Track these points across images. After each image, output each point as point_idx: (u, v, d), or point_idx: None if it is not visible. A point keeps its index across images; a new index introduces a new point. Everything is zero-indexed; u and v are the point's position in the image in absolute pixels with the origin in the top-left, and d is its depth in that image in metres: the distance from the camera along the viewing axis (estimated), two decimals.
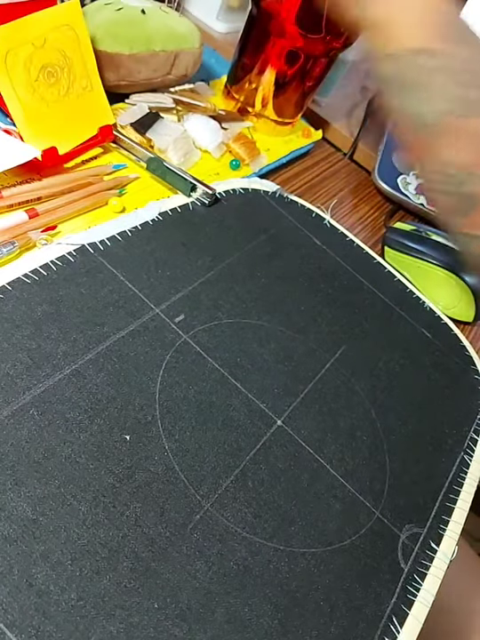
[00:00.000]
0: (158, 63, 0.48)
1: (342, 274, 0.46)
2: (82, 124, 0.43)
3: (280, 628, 0.26)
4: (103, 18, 0.45)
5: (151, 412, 0.30)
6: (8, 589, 0.23)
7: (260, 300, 0.40)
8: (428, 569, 0.31)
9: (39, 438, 0.27)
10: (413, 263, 0.51)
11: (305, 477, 0.32)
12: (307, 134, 0.60)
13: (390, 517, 0.33)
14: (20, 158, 0.37)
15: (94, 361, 0.31)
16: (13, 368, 0.29)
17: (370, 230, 0.58)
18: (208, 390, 0.33)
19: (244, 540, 0.28)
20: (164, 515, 0.27)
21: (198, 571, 0.26)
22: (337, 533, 0.31)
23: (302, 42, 0.50)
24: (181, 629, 0.24)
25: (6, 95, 0.37)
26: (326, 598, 0.28)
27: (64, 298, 0.33)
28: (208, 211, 0.43)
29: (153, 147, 0.47)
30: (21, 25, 0.37)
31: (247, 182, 0.48)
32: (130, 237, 0.38)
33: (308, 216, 0.49)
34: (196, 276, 0.38)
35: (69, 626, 0.23)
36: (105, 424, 0.29)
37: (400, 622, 0.29)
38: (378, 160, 0.62)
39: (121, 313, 0.34)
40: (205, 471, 0.30)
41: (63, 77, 0.41)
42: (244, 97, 0.56)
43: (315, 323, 0.41)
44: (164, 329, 0.34)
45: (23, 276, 0.32)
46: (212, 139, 0.50)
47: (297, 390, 0.36)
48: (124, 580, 0.25)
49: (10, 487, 0.25)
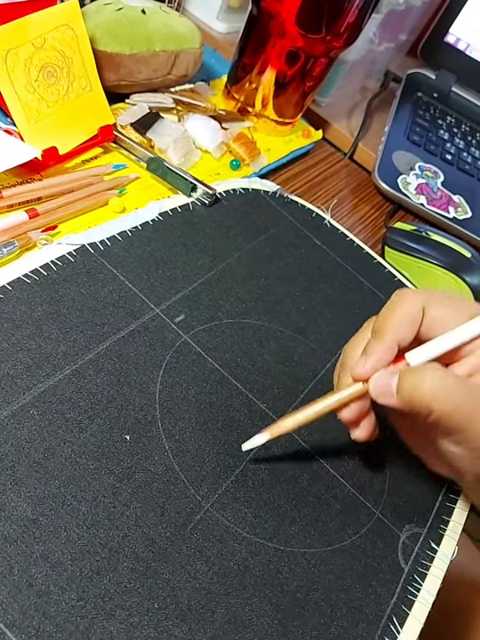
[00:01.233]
0: (158, 63, 0.48)
1: (342, 274, 0.46)
2: (82, 124, 0.43)
3: (280, 628, 0.26)
4: (103, 18, 0.45)
5: (151, 412, 0.30)
6: (8, 589, 0.23)
7: (260, 300, 0.40)
8: (428, 569, 0.31)
9: (39, 438, 0.27)
10: (414, 263, 0.51)
11: (305, 477, 0.32)
12: (307, 134, 0.60)
13: (390, 517, 0.33)
14: (20, 158, 0.37)
15: (94, 361, 0.31)
16: (13, 368, 0.29)
17: (370, 230, 0.58)
18: (208, 390, 0.33)
19: (244, 540, 0.28)
20: (165, 515, 0.27)
21: (198, 571, 0.26)
22: (337, 533, 0.31)
23: (302, 42, 0.50)
24: (181, 629, 0.24)
25: (6, 95, 0.37)
26: (326, 598, 0.28)
27: (64, 298, 0.33)
28: (208, 211, 0.43)
29: (153, 147, 0.47)
30: (21, 25, 0.37)
31: (247, 182, 0.48)
32: (130, 237, 0.38)
33: (308, 216, 0.49)
34: (196, 276, 0.38)
35: (69, 626, 0.23)
36: (105, 424, 0.29)
37: (400, 622, 0.29)
38: (378, 160, 0.62)
39: (121, 313, 0.34)
40: (205, 471, 0.30)
41: (63, 77, 0.41)
42: (244, 97, 0.56)
43: (315, 323, 0.41)
44: (164, 329, 0.34)
45: (23, 276, 0.32)
46: (212, 139, 0.50)
47: (297, 390, 0.36)
48: (125, 580, 0.25)
49: (10, 487, 0.25)
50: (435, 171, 0.65)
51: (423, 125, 0.71)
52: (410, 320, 0.29)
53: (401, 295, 0.30)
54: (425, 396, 0.27)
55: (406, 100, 0.74)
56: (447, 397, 0.27)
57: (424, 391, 0.27)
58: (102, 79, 0.44)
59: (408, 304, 0.30)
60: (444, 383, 0.27)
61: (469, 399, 0.27)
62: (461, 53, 0.80)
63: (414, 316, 0.29)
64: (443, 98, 0.80)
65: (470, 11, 0.78)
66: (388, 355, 0.29)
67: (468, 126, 0.78)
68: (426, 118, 0.73)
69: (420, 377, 0.27)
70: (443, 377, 0.27)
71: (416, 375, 0.27)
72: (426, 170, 0.65)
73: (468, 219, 0.61)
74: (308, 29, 0.49)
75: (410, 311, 0.29)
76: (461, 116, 0.79)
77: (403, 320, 0.29)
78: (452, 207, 0.62)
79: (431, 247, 0.52)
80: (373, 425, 0.31)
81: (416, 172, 0.63)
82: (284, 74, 0.53)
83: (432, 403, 0.27)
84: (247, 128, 0.55)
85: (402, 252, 0.52)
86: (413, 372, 0.28)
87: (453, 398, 0.27)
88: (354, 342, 0.32)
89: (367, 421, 0.31)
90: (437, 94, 0.79)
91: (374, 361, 0.29)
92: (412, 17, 0.76)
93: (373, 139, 0.67)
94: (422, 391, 0.27)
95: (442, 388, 0.27)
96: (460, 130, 0.76)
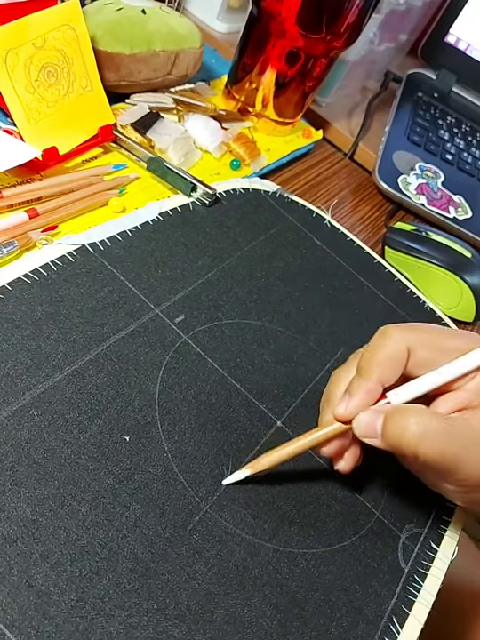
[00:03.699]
0: (159, 63, 0.48)
1: (342, 274, 0.46)
2: (82, 124, 0.43)
3: (280, 628, 0.26)
4: (103, 18, 0.45)
5: (151, 413, 0.30)
6: (8, 590, 0.23)
7: (259, 300, 0.40)
8: (428, 569, 0.31)
9: (39, 439, 0.27)
10: (414, 263, 0.51)
11: (305, 478, 0.32)
12: (307, 134, 0.60)
13: (390, 518, 0.33)
14: (20, 158, 0.37)
15: (94, 361, 0.31)
16: (13, 368, 0.29)
17: (370, 230, 0.57)
18: (208, 391, 0.33)
19: (243, 540, 0.28)
20: (164, 516, 0.27)
21: (198, 571, 0.26)
22: (337, 534, 0.31)
23: (303, 42, 0.50)
24: (181, 630, 0.24)
25: (7, 95, 0.37)
26: (326, 599, 0.28)
27: (64, 298, 0.33)
28: (208, 211, 0.43)
29: (153, 147, 0.47)
30: (21, 25, 0.37)
31: (247, 182, 0.48)
32: (130, 237, 0.38)
33: (308, 216, 0.49)
34: (196, 277, 0.38)
35: (69, 626, 0.23)
36: (105, 425, 0.29)
37: (400, 623, 0.29)
38: (378, 160, 0.62)
39: (121, 313, 0.34)
40: (204, 472, 0.30)
41: (63, 77, 0.41)
42: (244, 97, 0.56)
43: (315, 323, 0.41)
44: (164, 329, 0.34)
45: (23, 276, 0.32)
46: (212, 139, 0.50)
47: (297, 391, 0.36)
48: (124, 580, 0.25)
49: (9, 488, 0.25)
50: (435, 171, 0.65)
51: (423, 125, 0.71)
52: (394, 362, 0.29)
53: (386, 334, 0.30)
54: (410, 442, 0.27)
55: (406, 100, 0.74)
56: (431, 444, 0.27)
57: (409, 437, 0.27)
58: (102, 79, 0.44)
59: (393, 344, 0.29)
60: (430, 429, 0.27)
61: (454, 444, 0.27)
62: (462, 53, 0.80)
63: (399, 357, 0.29)
64: (443, 98, 0.79)
65: (470, 11, 0.78)
66: (370, 396, 0.29)
67: (468, 126, 0.78)
68: (426, 118, 0.73)
69: (405, 421, 0.27)
70: (428, 422, 0.27)
71: (401, 419, 0.27)
72: (426, 170, 0.65)
73: (469, 219, 0.61)
74: (308, 29, 0.49)
75: (394, 352, 0.29)
76: (462, 116, 0.79)
77: (387, 361, 0.29)
78: (452, 207, 0.62)
79: (431, 247, 0.51)
80: (357, 456, 0.31)
81: (416, 172, 0.63)
82: (285, 74, 0.53)
83: (417, 449, 0.27)
84: (247, 128, 0.55)
85: (402, 252, 0.52)
86: (398, 415, 0.28)
87: (436, 444, 0.27)
88: (339, 375, 0.32)
89: (350, 453, 0.31)
90: (438, 94, 0.79)
91: (356, 403, 0.29)
92: (413, 17, 0.76)
93: (374, 139, 0.67)
94: (407, 437, 0.27)
95: (427, 434, 0.27)
96: (460, 130, 0.76)
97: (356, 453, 0.31)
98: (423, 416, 0.27)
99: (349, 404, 0.29)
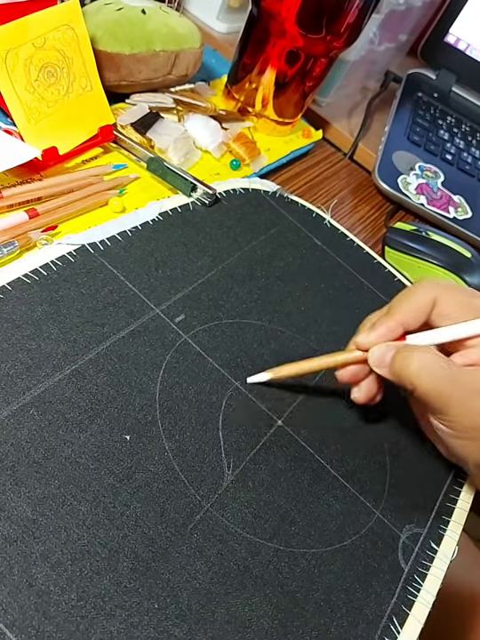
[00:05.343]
0: (159, 63, 0.48)
1: (342, 274, 0.46)
2: (82, 124, 0.43)
3: (280, 628, 0.26)
4: (103, 18, 0.45)
5: (151, 413, 0.30)
6: (8, 589, 0.23)
7: (260, 300, 0.40)
8: (428, 569, 0.31)
9: (39, 438, 0.27)
10: (414, 263, 0.51)
11: (305, 478, 0.32)
12: (307, 134, 0.60)
13: (391, 517, 0.33)
14: (20, 158, 0.37)
15: (94, 361, 0.31)
16: (13, 368, 0.29)
17: (370, 230, 0.57)
18: (208, 390, 0.33)
19: (244, 540, 0.28)
20: (165, 515, 0.27)
21: (198, 571, 0.26)
22: (337, 534, 0.31)
23: (302, 42, 0.50)
24: (181, 630, 0.24)
25: (6, 95, 0.37)
26: (326, 598, 0.28)
27: (64, 298, 0.33)
28: (208, 211, 0.43)
29: (153, 147, 0.47)
30: (21, 25, 0.37)
31: (247, 182, 0.48)
32: (130, 237, 0.38)
33: (308, 216, 0.49)
34: (196, 276, 0.38)
35: (69, 626, 0.23)
36: (105, 424, 0.29)
37: (400, 623, 0.29)
38: (378, 160, 0.62)
39: (121, 313, 0.34)
40: (205, 471, 0.30)
41: (63, 77, 0.41)
42: (244, 97, 0.56)
43: (315, 323, 0.41)
44: (165, 329, 0.34)
45: (23, 276, 0.32)
46: (212, 139, 0.50)
47: (297, 391, 0.36)
48: (125, 580, 0.25)
49: (10, 487, 0.25)
50: (435, 171, 0.65)
51: (423, 125, 0.71)
52: (418, 310, 0.32)
53: (419, 284, 0.34)
54: (411, 372, 0.30)
55: (406, 100, 0.74)
56: (429, 378, 0.30)
57: (411, 368, 0.30)
58: (102, 79, 0.44)
59: (422, 295, 0.33)
60: (430, 365, 0.30)
61: (449, 384, 0.30)
62: (462, 53, 0.80)
63: (424, 307, 0.32)
64: (443, 98, 0.80)
65: (470, 11, 0.78)
66: (391, 333, 0.32)
67: (468, 126, 0.78)
68: (426, 118, 0.73)
69: (410, 355, 0.30)
70: (430, 360, 0.30)
71: (408, 353, 0.31)
72: (426, 170, 0.65)
73: (469, 219, 0.61)
74: (308, 29, 0.49)
75: (421, 302, 0.32)
76: (462, 116, 0.79)
77: (412, 308, 0.32)
78: (452, 207, 0.62)
79: (431, 247, 0.52)
80: (372, 390, 0.34)
81: (416, 172, 0.63)
82: (284, 74, 0.53)
83: (415, 380, 0.30)
84: (247, 128, 0.55)
85: (402, 252, 0.52)
86: (407, 350, 0.31)
87: (434, 380, 0.30)
88: (374, 314, 0.35)
89: (365, 384, 0.34)
90: (438, 94, 0.79)
91: (377, 335, 0.32)
92: (413, 17, 0.76)
93: (373, 139, 0.67)
94: (409, 368, 0.30)
95: (426, 368, 0.30)
96: (460, 130, 0.76)
97: (372, 388, 0.34)
98: (427, 354, 0.30)
99: (370, 335, 0.33)
